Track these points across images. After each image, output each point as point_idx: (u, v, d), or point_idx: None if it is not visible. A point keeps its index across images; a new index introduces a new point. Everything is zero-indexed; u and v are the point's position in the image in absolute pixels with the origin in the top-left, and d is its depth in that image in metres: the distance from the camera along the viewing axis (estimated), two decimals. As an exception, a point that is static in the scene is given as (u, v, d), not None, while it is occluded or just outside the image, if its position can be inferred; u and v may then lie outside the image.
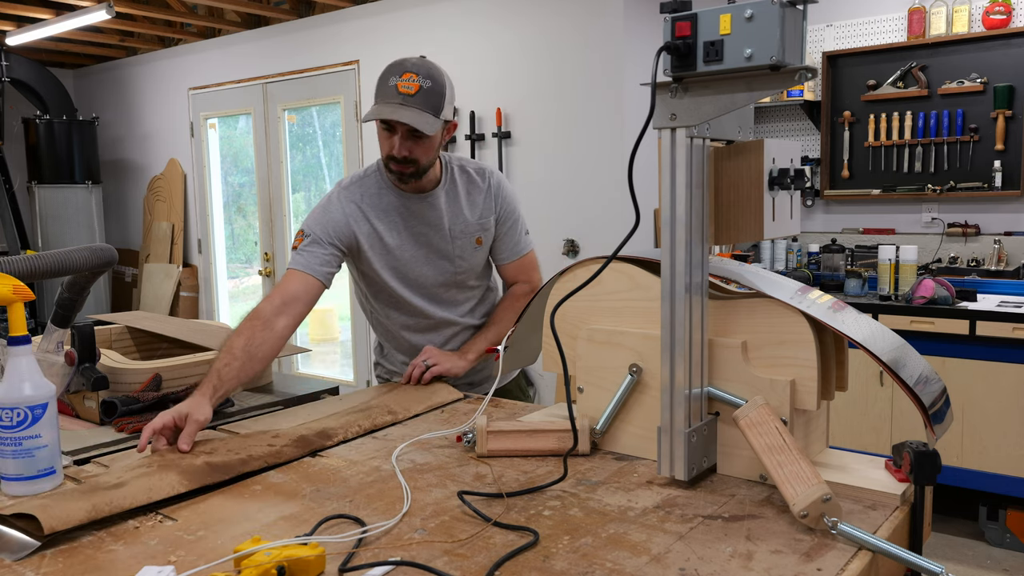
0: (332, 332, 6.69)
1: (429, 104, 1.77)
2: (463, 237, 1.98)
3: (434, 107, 1.78)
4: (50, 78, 6.43)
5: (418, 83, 1.76)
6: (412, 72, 1.77)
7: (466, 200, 1.99)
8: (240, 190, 6.38)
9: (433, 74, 1.79)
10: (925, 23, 4.09)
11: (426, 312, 2.02)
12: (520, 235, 2.07)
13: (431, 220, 1.95)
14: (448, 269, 2.00)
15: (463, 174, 2.00)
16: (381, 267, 1.95)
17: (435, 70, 1.80)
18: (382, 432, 1.62)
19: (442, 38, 4.72)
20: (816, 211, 4.58)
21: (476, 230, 1.99)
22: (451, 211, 1.97)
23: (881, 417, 3.60)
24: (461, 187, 1.99)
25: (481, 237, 2.01)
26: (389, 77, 1.78)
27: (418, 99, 1.76)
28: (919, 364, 1.29)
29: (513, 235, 2.05)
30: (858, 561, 1.02)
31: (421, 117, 1.75)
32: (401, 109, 1.75)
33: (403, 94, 1.75)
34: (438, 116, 1.79)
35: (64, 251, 1.71)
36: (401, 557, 1.04)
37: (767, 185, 1.28)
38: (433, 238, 1.96)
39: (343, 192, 1.94)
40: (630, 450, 1.43)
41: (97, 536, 1.14)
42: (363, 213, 1.92)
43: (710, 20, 1.15)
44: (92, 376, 1.71)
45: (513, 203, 2.05)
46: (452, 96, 1.85)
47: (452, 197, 1.97)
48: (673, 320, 1.24)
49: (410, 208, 1.94)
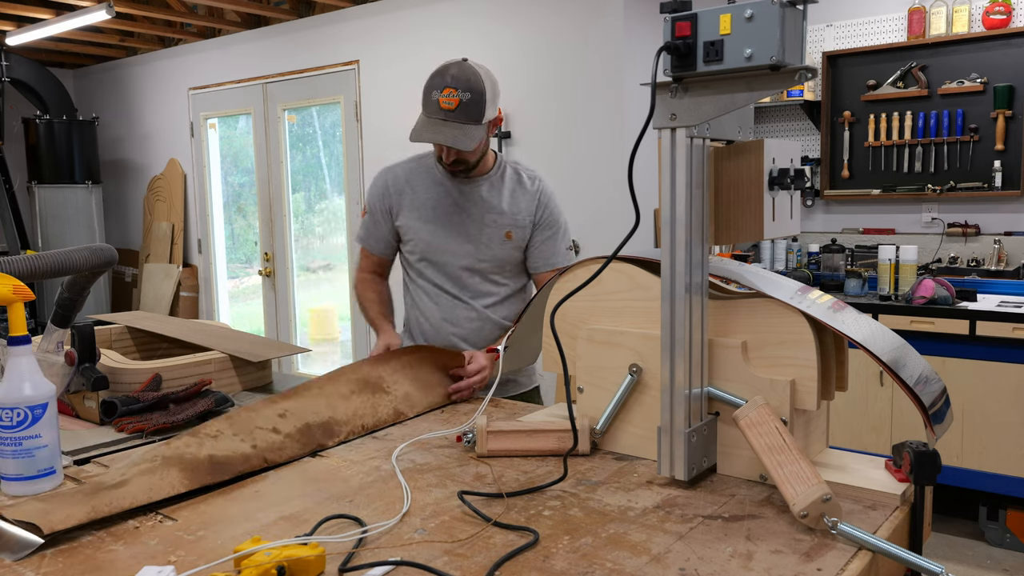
0: (332, 332, 6.68)
1: (470, 116, 1.89)
2: (493, 227, 2.07)
3: (475, 117, 1.90)
4: (50, 78, 6.43)
5: (458, 98, 1.87)
6: (452, 87, 1.88)
7: (508, 195, 2.09)
8: (240, 190, 6.38)
9: (472, 84, 1.89)
10: (925, 23, 4.09)
11: (448, 289, 2.12)
12: (559, 247, 2.13)
13: (466, 205, 2.08)
14: (472, 253, 2.08)
15: (514, 175, 2.12)
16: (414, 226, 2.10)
17: (475, 79, 1.89)
18: (382, 432, 1.62)
19: (442, 38, 4.72)
20: (816, 211, 4.58)
21: (508, 223, 2.08)
22: (489, 200, 2.07)
23: (881, 417, 3.60)
24: (507, 184, 2.10)
25: (511, 232, 2.08)
26: (432, 91, 1.90)
27: (459, 113, 1.88)
28: (919, 364, 1.29)
29: (551, 245, 2.12)
30: (858, 561, 1.02)
31: (461, 132, 1.89)
32: (442, 127, 1.88)
33: (444, 110, 1.88)
34: (480, 123, 1.91)
35: (64, 251, 1.71)
36: (401, 557, 1.04)
37: (767, 185, 1.28)
38: (463, 219, 2.08)
39: (398, 166, 2.15)
40: (630, 450, 1.43)
41: (97, 536, 1.14)
42: (406, 181, 2.11)
43: (710, 20, 1.15)
44: (92, 376, 1.71)
45: (556, 215, 2.12)
46: (495, 94, 1.95)
47: (495, 189, 2.09)
48: (673, 320, 1.24)
49: (453, 185, 2.08)
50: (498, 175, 2.10)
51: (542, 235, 2.11)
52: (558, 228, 2.13)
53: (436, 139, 1.89)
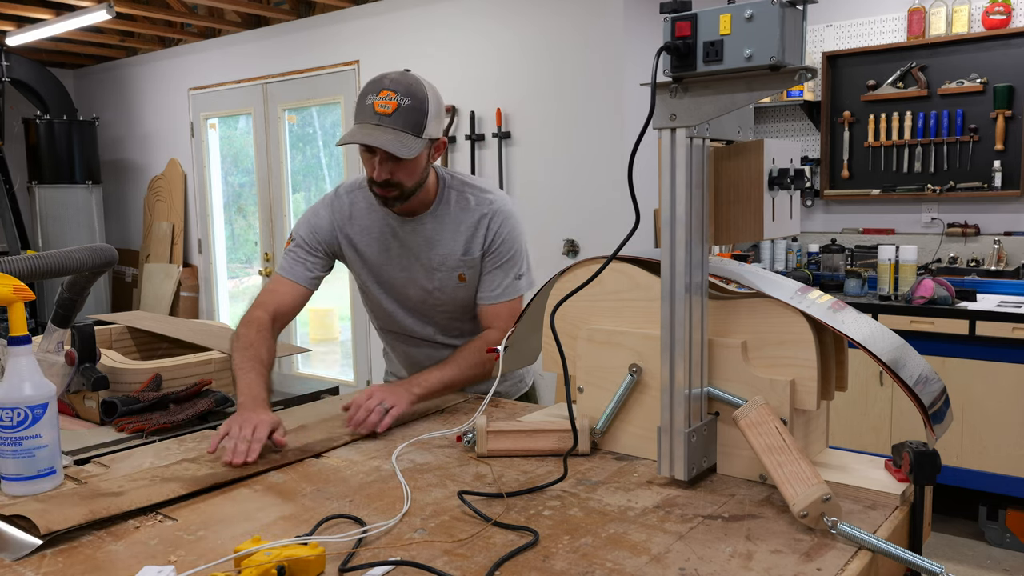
0: (332, 332, 6.69)
1: (409, 123, 1.64)
2: (443, 270, 1.84)
3: (414, 126, 1.65)
4: (50, 78, 6.43)
5: (396, 101, 1.63)
6: (390, 89, 1.64)
7: (455, 229, 1.82)
8: (240, 190, 6.38)
9: (414, 90, 1.66)
10: (925, 23, 4.09)
11: (411, 329, 1.94)
12: (508, 277, 1.85)
13: (413, 247, 1.83)
14: (428, 301, 1.89)
15: (461, 199, 1.84)
16: (366, 279, 1.91)
17: (417, 85, 1.67)
18: (382, 432, 1.62)
19: (442, 38, 4.72)
20: (816, 211, 4.58)
21: (458, 265, 1.83)
22: (436, 239, 1.82)
23: (881, 417, 3.60)
24: (454, 213, 1.83)
25: (464, 274, 1.84)
26: (367, 95, 1.66)
27: (396, 118, 1.63)
28: (919, 364, 1.29)
29: (498, 276, 1.84)
30: (858, 561, 1.02)
31: (398, 138, 1.63)
32: (377, 131, 1.63)
33: (380, 114, 1.63)
34: (420, 135, 1.66)
35: (64, 251, 1.71)
36: (401, 557, 1.04)
37: (767, 185, 1.28)
38: (413, 267, 1.85)
39: (335, 200, 1.88)
40: (630, 450, 1.43)
41: (97, 536, 1.14)
42: (350, 224, 1.86)
43: (710, 20, 1.15)
44: (92, 376, 1.71)
45: (510, 241, 1.84)
46: (439, 112, 1.71)
47: (440, 223, 1.82)
48: (673, 320, 1.24)
49: (395, 230, 1.84)
50: (444, 206, 1.82)
51: (490, 263, 1.84)
52: (511, 256, 1.84)
53: (367, 140, 1.63)
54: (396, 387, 1.69)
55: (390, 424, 1.59)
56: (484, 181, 1.91)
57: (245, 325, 1.76)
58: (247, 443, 1.40)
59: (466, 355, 1.81)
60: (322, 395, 2.03)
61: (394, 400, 1.63)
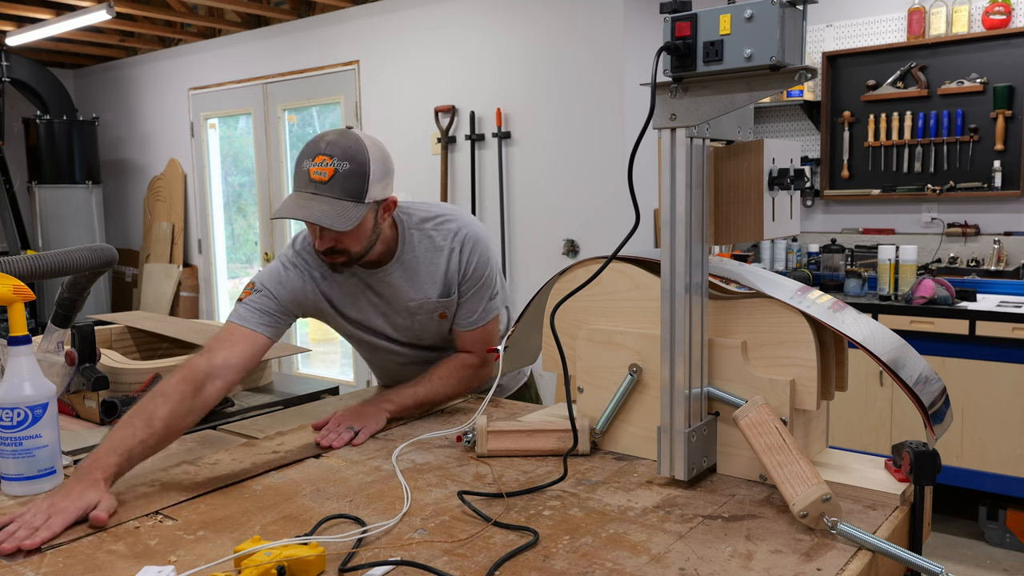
0: (332, 332, 6.68)
1: (347, 190, 1.52)
2: (422, 313, 1.77)
3: (354, 192, 1.52)
4: (50, 78, 6.43)
5: (333, 167, 1.51)
6: (325, 154, 1.52)
7: (427, 272, 1.74)
8: (240, 190, 6.38)
9: (352, 153, 1.53)
10: (925, 23, 4.09)
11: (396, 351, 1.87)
12: (483, 302, 1.79)
13: (387, 296, 1.76)
14: (410, 332, 1.82)
15: (424, 240, 1.74)
16: (347, 328, 1.82)
17: (356, 147, 1.54)
18: (382, 432, 1.62)
19: (442, 38, 4.72)
20: (816, 211, 4.58)
21: (436, 307, 1.76)
22: (409, 286, 1.74)
23: (881, 417, 3.60)
24: (421, 257, 1.74)
25: (445, 312, 1.78)
26: (303, 160, 1.55)
27: (333, 186, 1.51)
28: (919, 364, 1.29)
29: (474, 303, 1.78)
30: (858, 561, 1.02)
31: (335, 208, 1.51)
32: (313, 201, 1.51)
33: (315, 181, 1.51)
34: (361, 200, 1.53)
35: (64, 251, 1.71)
36: (401, 557, 1.04)
37: (767, 185, 1.28)
38: (390, 313, 1.78)
39: (298, 258, 1.73)
40: (630, 450, 1.43)
41: (97, 536, 1.14)
42: (322, 282, 1.73)
43: (710, 20, 1.15)
44: (92, 376, 1.72)
45: (483, 266, 1.77)
46: (384, 172, 1.58)
47: (410, 271, 1.73)
48: (673, 320, 1.24)
49: (365, 282, 1.74)
50: (408, 252, 1.73)
51: (466, 290, 1.77)
52: (485, 280, 1.78)
53: (300, 215, 1.50)
54: (367, 407, 1.66)
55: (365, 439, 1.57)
56: (440, 206, 1.81)
57: (173, 372, 1.49)
58: (30, 530, 1.13)
59: (442, 373, 1.78)
60: (322, 395, 2.03)
61: (363, 423, 1.60)
